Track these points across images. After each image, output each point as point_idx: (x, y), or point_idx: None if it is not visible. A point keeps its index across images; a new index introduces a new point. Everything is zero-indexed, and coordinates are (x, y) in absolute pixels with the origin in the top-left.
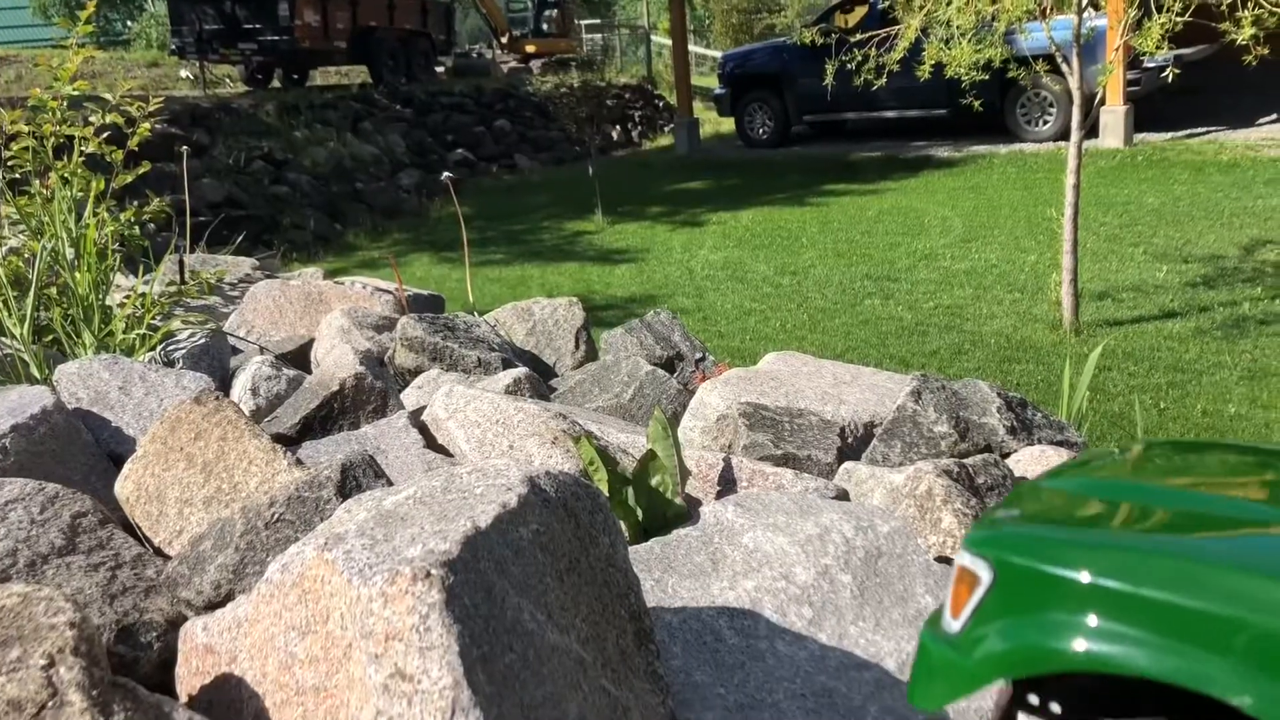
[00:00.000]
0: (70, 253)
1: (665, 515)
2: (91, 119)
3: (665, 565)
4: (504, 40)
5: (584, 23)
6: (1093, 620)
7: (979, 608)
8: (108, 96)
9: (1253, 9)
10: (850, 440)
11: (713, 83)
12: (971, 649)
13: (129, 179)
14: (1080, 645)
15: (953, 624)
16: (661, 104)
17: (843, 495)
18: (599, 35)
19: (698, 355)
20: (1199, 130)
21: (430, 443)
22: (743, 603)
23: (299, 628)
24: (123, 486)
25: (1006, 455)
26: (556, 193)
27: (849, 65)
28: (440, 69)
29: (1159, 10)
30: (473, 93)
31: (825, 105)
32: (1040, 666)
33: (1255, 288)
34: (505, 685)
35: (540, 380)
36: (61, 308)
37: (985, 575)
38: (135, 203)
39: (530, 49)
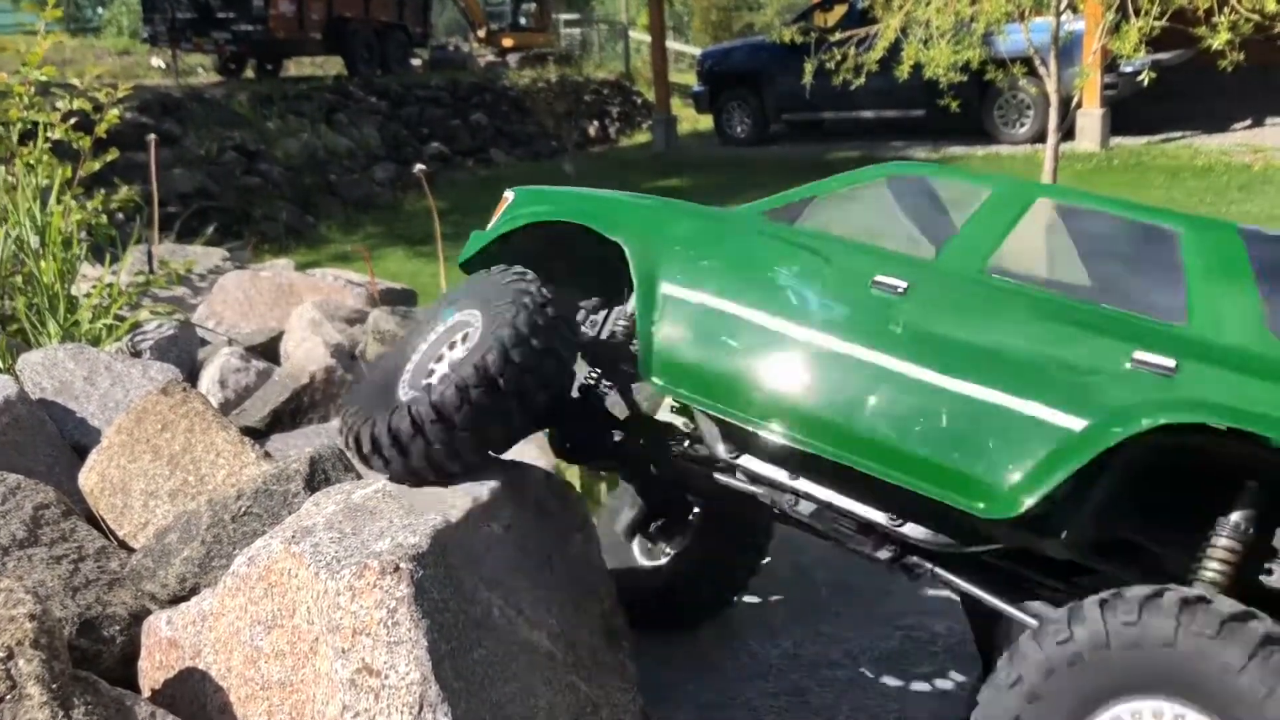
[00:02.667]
0: (35, 241)
1: None
2: (59, 105)
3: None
4: (481, 33)
5: (562, 17)
6: (553, 208)
7: (507, 207)
8: (76, 82)
9: (1229, 14)
10: None
11: (691, 80)
12: (495, 225)
13: (96, 167)
14: (541, 209)
15: (496, 221)
16: (639, 100)
17: None
18: (577, 30)
19: None
20: (1174, 134)
21: None
22: None
23: (265, 621)
24: (87, 478)
25: None
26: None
27: (828, 64)
28: (416, 61)
29: (1136, 14)
30: (449, 86)
31: (803, 104)
32: (519, 222)
33: None
34: (474, 681)
35: None
36: (26, 296)
37: (510, 195)
38: (103, 191)
39: (508, 43)
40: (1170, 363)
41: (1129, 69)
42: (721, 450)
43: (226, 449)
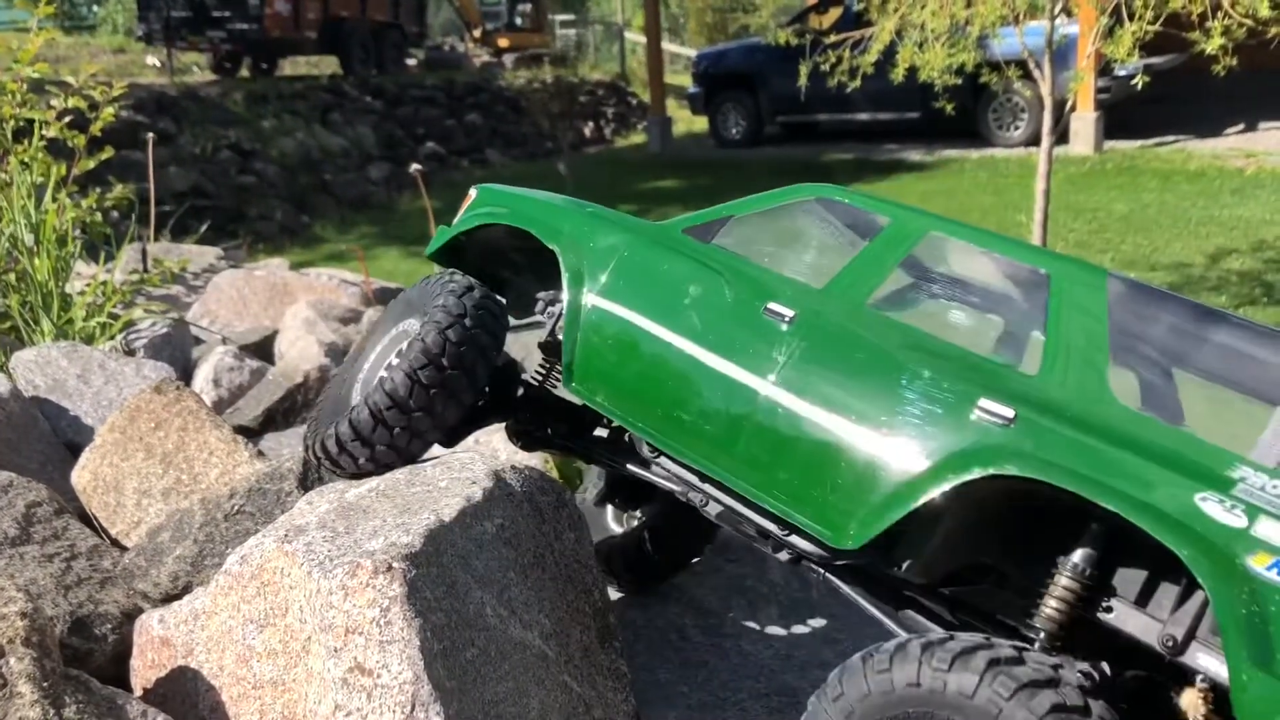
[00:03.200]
0: (29, 238)
1: None
2: (53, 103)
3: None
4: (477, 34)
5: (558, 18)
6: (505, 210)
7: (469, 205)
8: (70, 80)
9: (1222, 19)
10: None
11: (686, 81)
12: (458, 222)
13: (91, 165)
14: (493, 210)
15: (459, 217)
16: (634, 101)
17: None
18: (573, 31)
19: None
20: (1168, 139)
21: None
22: (710, 601)
23: (257, 620)
24: (80, 476)
25: None
26: (528, 188)
27: (823, 67)
28: (412, 61)
29: (1130, 18)
30: (444, 86)
31: (798, 106)
32: (474, 222)
33: (1220, 296)
34: (466, 680)
35: None
36: (19, 294)
37: (473, 193)
38: (98, 189)
39: (503, 43)
40: (1009, 413)
41: (1123, 73)
42: (645, 450)
43: (220, 448)
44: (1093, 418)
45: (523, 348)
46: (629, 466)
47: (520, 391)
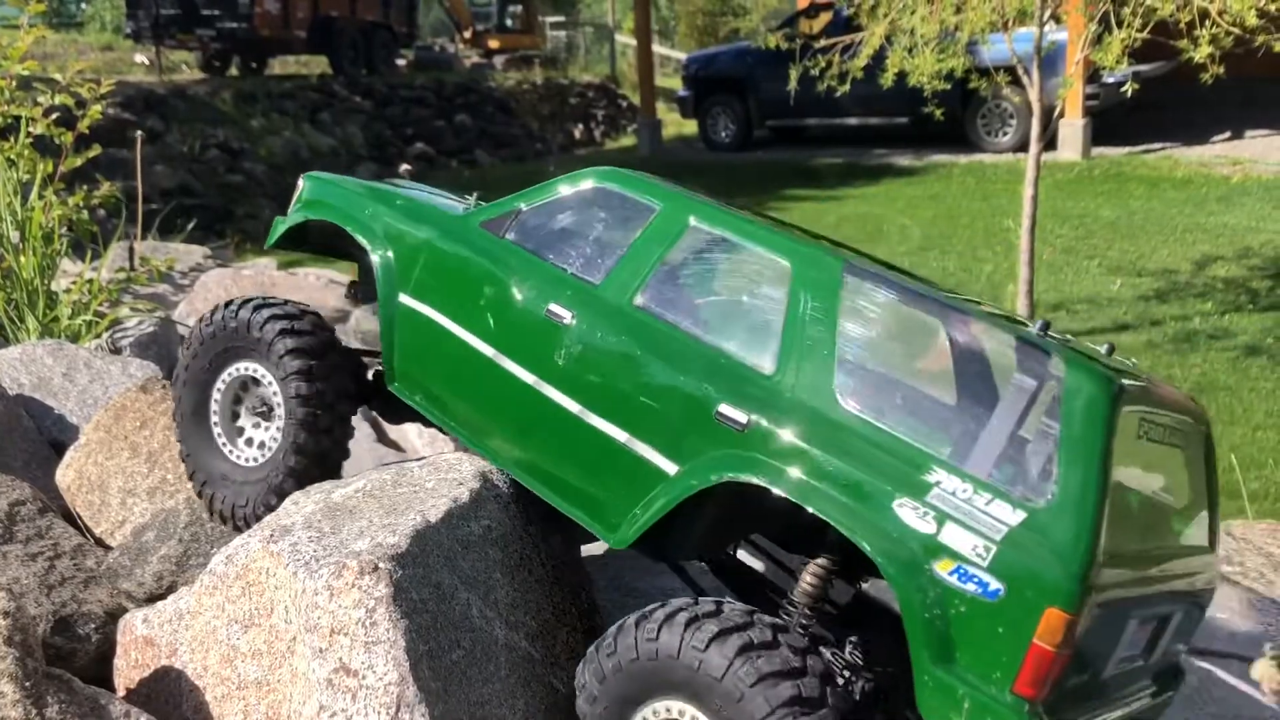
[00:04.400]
0: (15, 235)
1: None
2: (40, 99)
3: (621, 563)
4: (467, 35)
5: (548, 19)
6: (323, 206)
7: (297, 197)
8: (58, 77)
9: (1210, 27)
10: None
11: (676, 84)
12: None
13: (78, 162)
14: (312, 211)
15: (291, 210)
16: (624, 104)
17: None
18: (563, 33)
19: None
20: (1155, 146)
21: (381, 436)
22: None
23: (242, 620)
24: (64, 475)
25: None
26: (516, 190)
27: (812, 71)
28: (401, 62)
29: (1119, 26)
30: (434, 86)
31: (788, 110)
32: (294, 220)
33: (1206, 303)
34: (452, 681)
35: None
36: (4, 292)
37: (302, 183)
38: (85, 187)
39: (493, 44)
40: (743, 419)
41: (1111, 80)
42: None
43: None
44: (815, 421)
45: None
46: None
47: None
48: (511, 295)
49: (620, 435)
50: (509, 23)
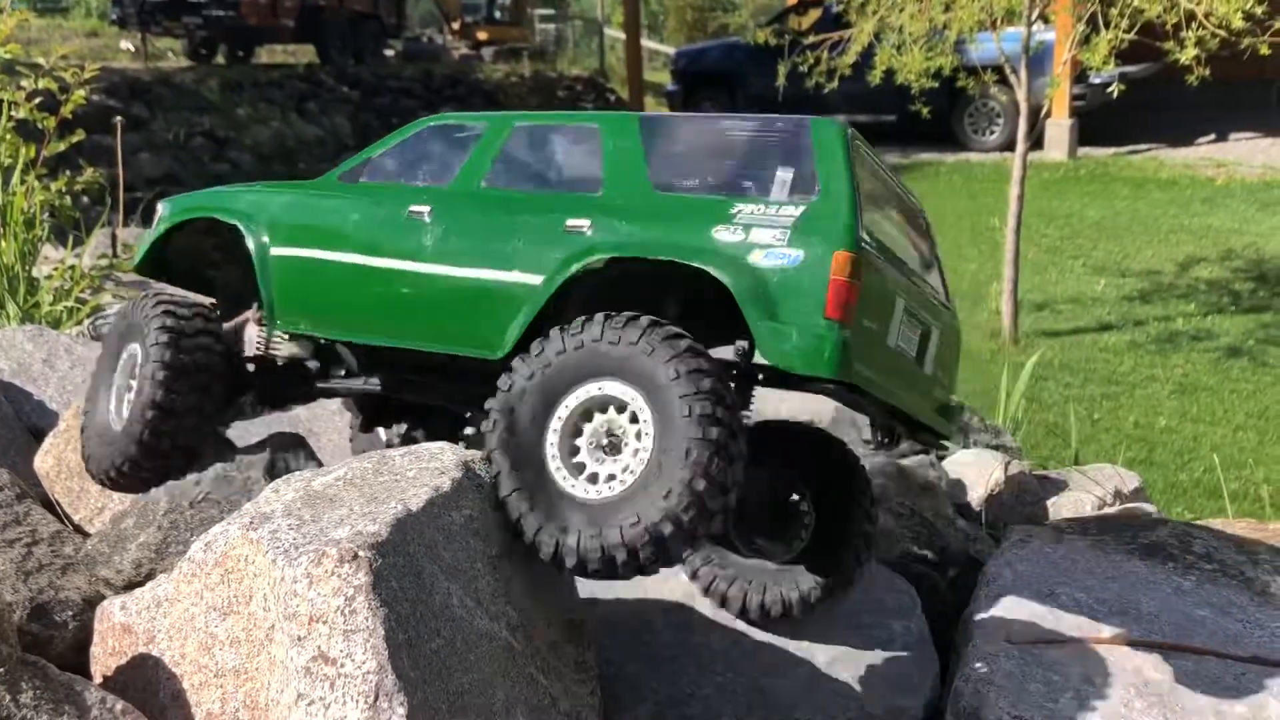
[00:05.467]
0: None
1: None
2: (23, 84)
3: None
4: (456, 26)
5: (537, 12)
6: (188, 207)
7: (158, 219)
8: (41, 61)
9: (1196, 30)
10: None
11: (665, 78)
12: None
13: (61, 147)
14: (177, 214)
15: (155, 221)
16: (613, 98)
17: None
18: (552, 25)
19: None
20: (1141, 147)
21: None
22: (677, 596)
23: (220, 608)
24: (43, 461)
25: (943, 457)
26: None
27: (801, 67)
28: (389, 52)
29: (1106, 26)
30: (422, 77)
31: (776, 106)
32: (161, 229)
33: (1189, 304)
34: (431, 671)
35: None
36: None
37: (161, 207)
38: (68, 173)
39: (482, 36)
40: (585, 223)
41: (1098, 80)
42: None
43: None
44: (639, 206)
45: None
46: (341, 383)
47: (250, 367)
48: (374, 214)
49: (490, 274)
50: (498, 15)
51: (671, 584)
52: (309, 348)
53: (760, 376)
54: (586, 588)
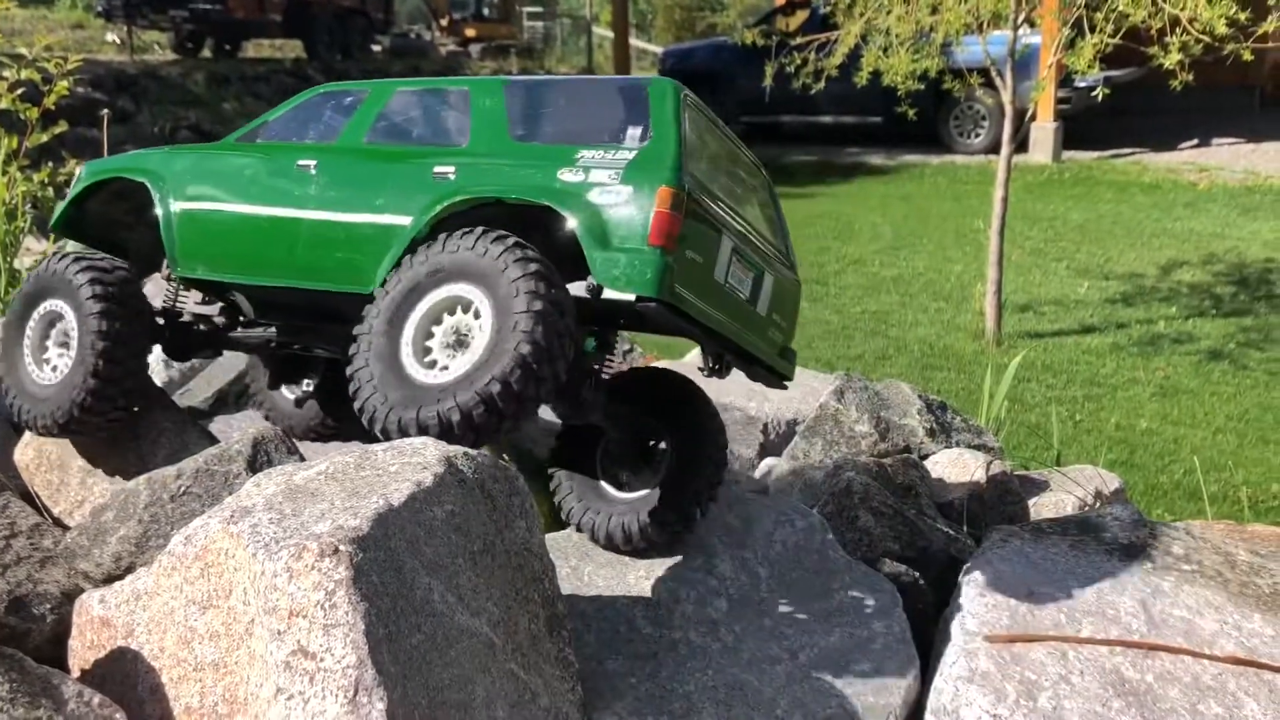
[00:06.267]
0: None
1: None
2: (6, 74)
3: (582, 553)
4: (443, 23)
5: (525, 9)
6: (101, 169)
7: (76, 183)
8: (24, 52)
9: (1180, 35)
10: (773, 436)
11: None
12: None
13: (44, 138)
14: (91, 176)
15: (73, 183)
16: None
17: (763, 490)
18: (540, 23)
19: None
20: (1124, 151)
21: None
22: (659, 592)
23: (200, 602)
24: (23, 454)
25: (925, 456)
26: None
27: (788, 68)
28: (377, 48)
29: (1091, 31)
30: (409, 73)
31: (762, 107)
32: (78, 188)
33: (1171, 307)
34: (411, 666)
35: None
36: None
37: (79, 170)
38: (51, 164)
39: (470, 33)
40: (451, 169)
41: (1083, 84)
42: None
43: (169, 428)
44: (499, 153)
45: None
46: (243, 333)
47: (160, 320)
48: (266, 169)
49: (366, 218)
50: (486, 12)
51: (653, 580)
52: (214, 302)
53: (621, 321)
54: (568, 584)
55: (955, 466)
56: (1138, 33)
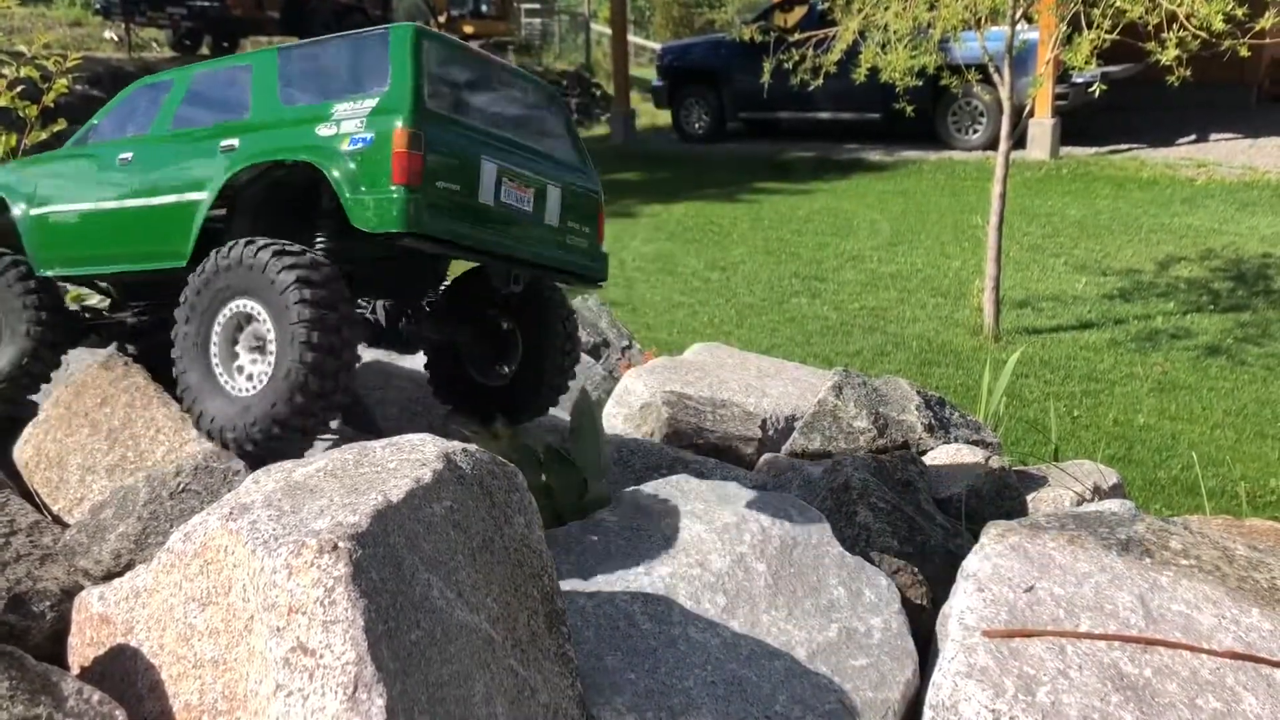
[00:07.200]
0: None
1: (581, 500)
2: (5, 72)
3: (581, 549)
4: (442, 19)
5: (523, 6)
6: None
7: None
8: (24, 50)
9: (1177, 31)
10: (771, 432)
11: (651, 74)
12: None
13: (44, 136)
14: None
15: None
16: (598, 93)
17: (761, 486)
18: (538, 20)
19: (624, 343)
20: (1122, 147)
21: (347, 420)
22: (657, 589)
23: (199, 599)
24: (22, 451)
25: (924, 452)
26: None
27: (786, 64)
28: None
29: (1089, 26)
30: None
31: (761, 103)
32: None
33: (1168, 303)
34: (410, 662)
35: None
36: None
37: None
38: None
39: (468, 30)
40: (235, 142)
41: (1080, 80)
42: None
43: (167, 425)
44: (272, 122)
45: None
46: (114, 316)
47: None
48: (95, 168)
49: (172, 199)
50: (484, 8)
51: (652, 576)
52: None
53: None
54: (566, 581)
55: (954, 462)
56: (1135, 29)
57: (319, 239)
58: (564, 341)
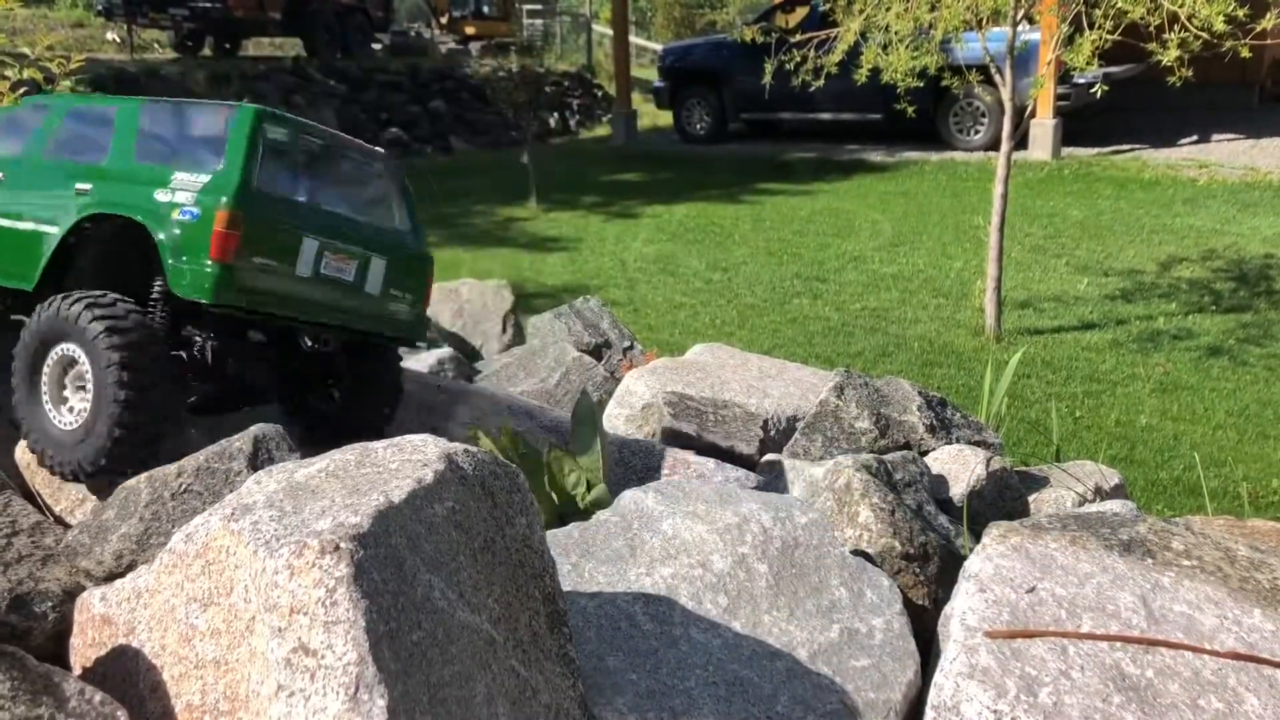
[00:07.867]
0: None
1: (583, 501)
2: (8, 74)
3: (583, 549)
4: (443, 20)
5: (525, 7)
6: None
7: None
8: (26, 51)
9: (1179, 32)
10: (773, 432)
11: (652, 75)
12: None
13: None
14: None
15: None
16: (600, 94)
17: (763, 486)
18: (540, 21)
19: (625, 344)
20: (1124, 147)
21: None
22: (659, 589)
23: (201, 599)
24: (24, 452)
25: (925, 453)
26: (491, 177)
27: (787, 65)
28: (377, 46)
29: (1090, 27)
30: (409, 71)
31: (762, 104)
32: None
33: (1170, 303)
34: (412, 663)
35: (466, 362)
36: None
37: None
38: None
39: (470, 30)
40: (88, 186)
41: (1082, 81)
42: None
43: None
44: (124, 175)
45: None
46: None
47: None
48: None
49: (29, 226)
50: (486, 9)
51: (654, 577)
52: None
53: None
54: (568, 580)
55: (955, 463)
56: (1137, 29)
57: (158, 282)
58: (385, 390)
